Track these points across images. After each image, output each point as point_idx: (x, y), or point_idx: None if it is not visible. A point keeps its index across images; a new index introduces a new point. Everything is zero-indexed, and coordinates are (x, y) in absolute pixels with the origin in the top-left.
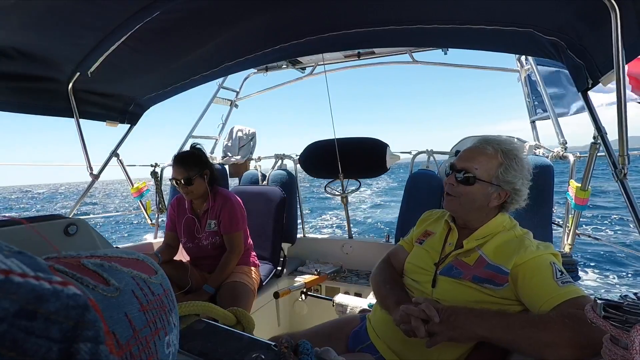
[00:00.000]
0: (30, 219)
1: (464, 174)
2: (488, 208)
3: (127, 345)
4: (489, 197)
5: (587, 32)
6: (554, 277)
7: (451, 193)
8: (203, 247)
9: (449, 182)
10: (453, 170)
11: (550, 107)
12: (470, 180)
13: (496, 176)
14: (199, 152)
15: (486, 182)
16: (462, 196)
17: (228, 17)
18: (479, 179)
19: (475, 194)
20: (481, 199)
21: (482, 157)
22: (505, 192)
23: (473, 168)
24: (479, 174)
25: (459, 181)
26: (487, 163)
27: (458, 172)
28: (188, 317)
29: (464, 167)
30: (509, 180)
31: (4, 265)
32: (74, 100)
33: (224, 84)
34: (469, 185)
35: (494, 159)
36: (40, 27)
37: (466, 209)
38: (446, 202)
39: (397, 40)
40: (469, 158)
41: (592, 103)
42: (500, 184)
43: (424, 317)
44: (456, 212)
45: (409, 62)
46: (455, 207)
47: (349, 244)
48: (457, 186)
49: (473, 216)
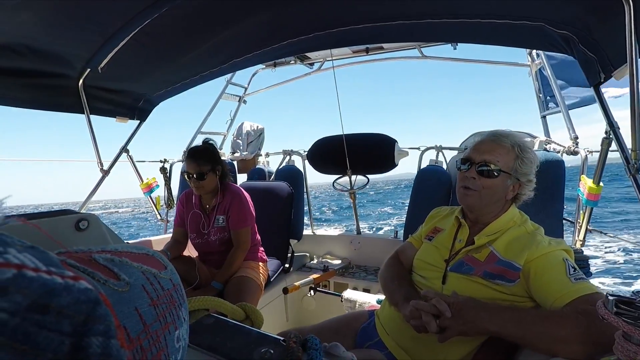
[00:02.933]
0: (41, 214)
1: (486, 166)
2: (504, 200)
3: (137, 340)
4: (507, 189)
5: (599, 25)
6: (567, 273)
7: (472, 187)
8: (211, 243)
9: (470, 175)
10: (471, 163)
11: (561, 101)
12: (493, 173)
13: (515, 168)
14: (212, 148)
15: (507, 174)
16: (484, 189)
17: (236, 12)
18: (503, 170)
19: (497, 186)
20: (500, 192)
21: (501, 149)
22: (520, 184)
23: (495, 160)
24: (501, 165)
25: (480, 174)
26: (506, 156)
27: (479, 164)
28: (197, 311)
29: (486, 159)
30: (525, 172)
31: (17, 260)
32: (84, 96)
33: (232, 80)
34: (492, 178)
35: (511, 152)
36: (51, 24)
37: (485, 203)
38: (463, 196)
39: (406, 35)
40: (488, 151)
41: (604, 97)
42: (518, 176)
43: (435, 312)
44: (474, 206)
45: (417, 57)
46: (474, 201)
47: (357, 239)
48: (478, 180)
49: (489, 209)
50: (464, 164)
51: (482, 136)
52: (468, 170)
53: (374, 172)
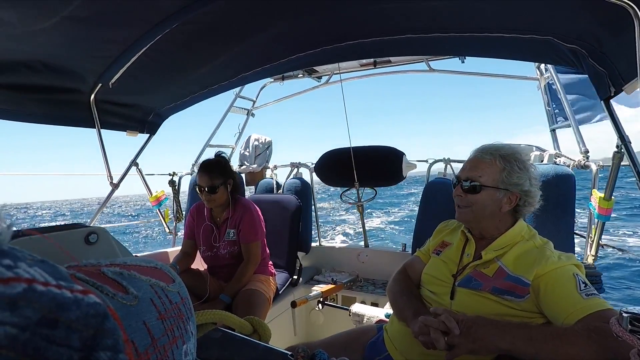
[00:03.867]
0: (51, 228)
1: (470, 183)
2: (501, 214)
3: (145, 354)
4: (499, 202)
5: (609, 39)
6: (577, 288)
7: (461, 204)
8: (221, 256)
9: (457, 194)
10: (459, 181)
11: (571, 115)
12: (477, 189)
13: (501, 180)
14: (225, 161)
15: (493, 188)
16: (473, 205)
17: (245, 28)
18: (485, 185)
19: (484, 200)
20: (492, 205)
21: (482, 164)
22: (515, 195)
23: (477, 176)
24: (484, 180)
25: (465, 191)
26: (489, 169)
27: (464, 181)
28: (205, 325)
29: (468, 176)
30: (515, 182)
31: (27, 274)
32: (95, 110)
33: (241, 93)
34: (477, 193)
35: (493, 165)
36: (66, 41)
37: (479, 218)
38: (458, 214)
39: (414, 48)
40: (470, 168)
41: (615, 112)
42: (507, 187)
43: (443, 328)
44: (470, 223)
45: (425, 70)
46: (467, 217)
47: (365, 252)
48: (465, 196)
49: (486, 224)
50: (456, 182)
51: (471, 153)
52: (455, 188)
53: (382, 185)
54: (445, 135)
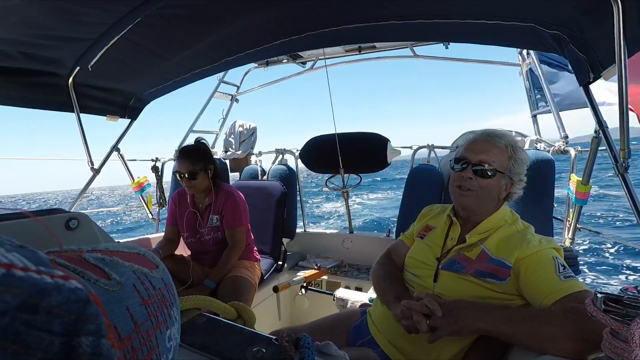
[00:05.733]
0: (30, 213)
1: (484, 167)
2: (498, 199)
3: (128, 339)
4: (500, 188)
5: (590, 26)
6: (556, 271)
7: (469, 187)
8: (205, 242)
9: (466, 176)
10: (467, 163)
11: (551, 100)
12: (489, 173)
13: (509, 168)
14: (204, 147)
15: (502, 174)
16: (481, 189)
17: (229, 12)
18: (499, 170)
19: (493, 186)
20: (496, 191)
21: (495, 149)
22: (512, 183)
23: (491, 161)
24: (496, 166)
25: (476, 174)
26: (501, 156)
27: (475, 165)
28: (189, 311)
29: (482, 159)
30: (518, 171)
31: (6, 259)
32: (74, 94)
33: (225, 79)
34: (488, 178)
35: (505, 152)
36: (41, 22)
37: (482, 202)
38: (459, 196)
39: (398, 35)
40: (484, 151)
41: (594, 97)
42: (511, 175)
43: (426, 311)
44: (470, 206)
45: (410, 56)
46: (470, 201)
47: (350, 238)
48: (475, 180)
49: (484, 209)
50: (457, 164)
51: (475, 135)
52: (464, 170)
53: (367, 171)
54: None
